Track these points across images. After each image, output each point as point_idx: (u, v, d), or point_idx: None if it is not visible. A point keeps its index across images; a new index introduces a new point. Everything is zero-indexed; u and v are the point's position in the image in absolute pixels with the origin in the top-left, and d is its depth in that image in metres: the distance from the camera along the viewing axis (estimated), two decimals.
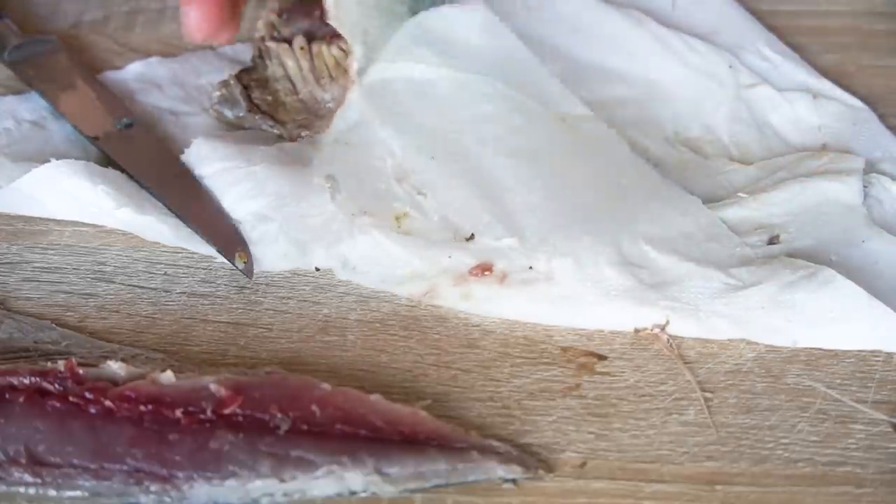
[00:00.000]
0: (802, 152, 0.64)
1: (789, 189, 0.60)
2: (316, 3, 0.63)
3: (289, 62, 0.64)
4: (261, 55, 0.65)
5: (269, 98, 0.64)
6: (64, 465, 0.46)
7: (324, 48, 0.64)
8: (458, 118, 0.61)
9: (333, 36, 0.63)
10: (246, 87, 0.64)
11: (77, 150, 0.63)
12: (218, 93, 0.64)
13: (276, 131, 0.63)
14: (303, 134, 0.63)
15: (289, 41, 0.64)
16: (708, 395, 0.52)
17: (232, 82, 0.64)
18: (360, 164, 0.60)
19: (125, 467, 0.46)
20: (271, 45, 0.64)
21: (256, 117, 0.63)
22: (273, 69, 0.64)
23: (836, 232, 0.58)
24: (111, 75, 0.69)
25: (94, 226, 0.60)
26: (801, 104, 0.66)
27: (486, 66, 0.63)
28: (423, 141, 0.60)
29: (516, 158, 0.60)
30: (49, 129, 0.64)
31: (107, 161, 0.61)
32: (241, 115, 0.64)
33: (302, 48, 0.64)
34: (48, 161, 0.59)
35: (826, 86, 0.68)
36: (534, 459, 0.49)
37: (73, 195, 0.59)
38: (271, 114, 0.63)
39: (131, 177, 0.60)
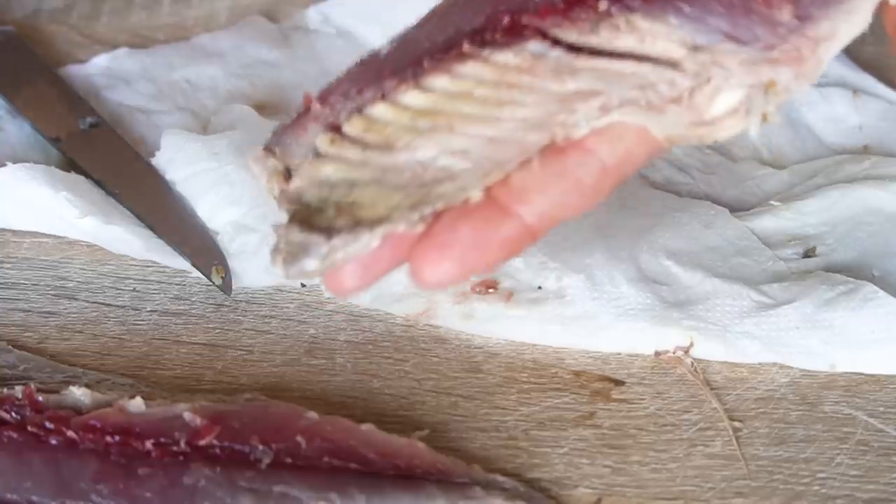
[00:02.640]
0: (841, 155, 0.65)
1: (827, 196, 0.60)
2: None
3: (319, 171, 0.46)
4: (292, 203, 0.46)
5: (332, 212, 0.45)
6: (22, 503, 0.46)
7: (374, 111, 0.47)
8: None
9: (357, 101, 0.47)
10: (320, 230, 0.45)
11: (36, 153, 0.63)
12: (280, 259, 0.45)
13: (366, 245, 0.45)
14: (417, 214, 0.45)
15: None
16: (737, 424, 0.52)
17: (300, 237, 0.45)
18: None
19: None
20: (285, 185, 0.47)
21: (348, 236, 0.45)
22: (312, 192, 0.46)
23: (878, 244, 0.59)
24: (74, 70, 0.69)
25: (56, 237, 0.60)
26: (840, 101, 0.67)
27: None
28: None
29: None
30: (5, 129, 0.65)
31: (69, 165, 0.62)
32: (321, 247, 0.45)
33: (332, 141, 0.46)
34: (4, 165, 0.59)
35: (868, 81, 0.68)
36: (543, 496, 0.49)
37: (32, 203, 0.59)
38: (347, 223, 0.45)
39: (97, 182, 0.61)
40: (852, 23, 0.45)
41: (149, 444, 0.47)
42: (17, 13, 0.73)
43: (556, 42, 0.45)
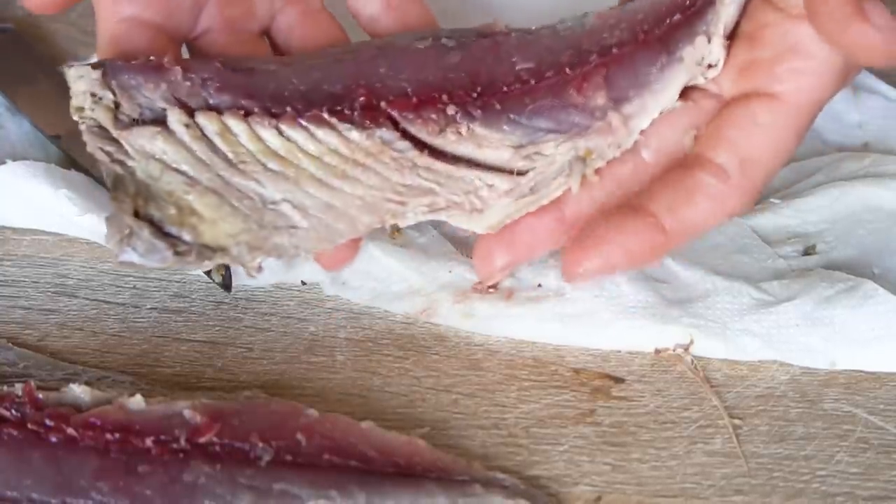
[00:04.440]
0: (841, 153, 0.65)
1: (827, 194, 0.60)
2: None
3: (160, 144, 0.49)
4: (112, 158, 0.49)
5: (174, 211, 0.48)
6: (22, 500, 0.46)
7: (233, 123, 0.49)
8: None
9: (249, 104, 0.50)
10: (149, 220, 0.48)
11: (36, 151, 0.63)
12: (115, 240, 0.48)
13: (204, 267, 0.50)
14: (257, 262, 0.50)
15: (157, 121, 0.49)
16: (737, 422, 0.52)
17: (126, 220, 0.48)
18: None
19: (90, 502, 0.46)
20: (122, 133, 0.49)
21: (189, 257, 0.48)
22: (143, 165, 0.49)
23: (878, 241, 0.59)
24: None
25: (56, 234, 0.60)
26: (840, 99, 0.67)
27: None
28: None
29: None
30: (5, 127, 0.65)
31: (69, 163, 0.62)
32: (166, 258, 0.48)
33: (187, 126, 0.49)
34: (4, 163, 0.59)
35: (868, 78, 0.68)
36: (543, 494, 0.49)
37: (32, 200, 0.59)
38: (191, 240, 0.49)
39: (97, 180, 0.61)
40: (660, 100, 0.51)
41: (149, 442, 0.47)
42: (17, 11, 0.73)
43: (405, 134, 0.50)
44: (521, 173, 0.51)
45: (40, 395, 0.49)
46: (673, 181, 0.51)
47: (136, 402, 0.49)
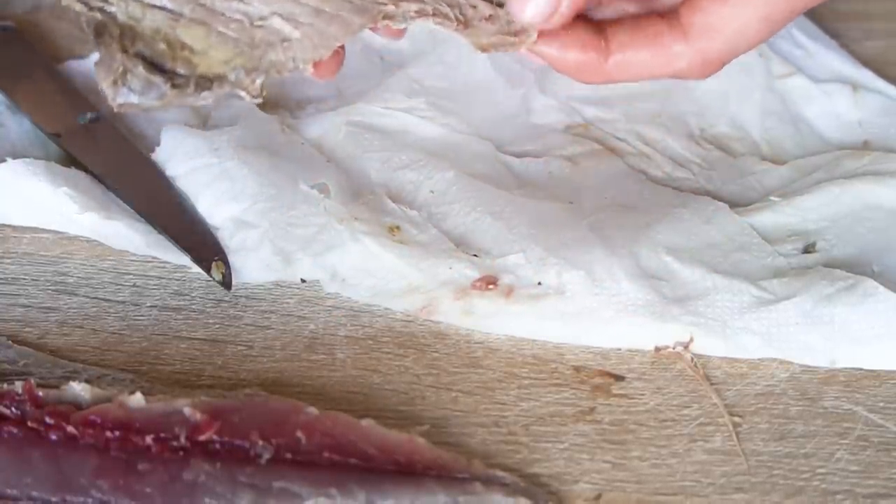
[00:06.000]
0: (841, 151, 0.64)
1: (827, 192, 0.60)
2: None
3: None
4: (89, 6, 0.48)
5: (163, 46, 0.48)
6: (22, 499, 0.46)
7: None
8: (448, 175, 0.62)
9: None
10: (138, 55, 0.48)
11: (36, 149, 0.63)
12: (108, 82, 0.48)
13: (205, 99, 0.48)
14: (258, 84, 0.49)
15: None
16: (737, 419, 0.52)
17: (118, 58, 0.47)
18: (348, 177, 0.61)
19: (90, 500, 0.46)
20: None
21: (187, 89, 0.48)
22: (123, 7, 0.48)
23: (878, 239, 0.59)
24: (74, 65, 0.69)
25: (56, 232, 0.60)
26: (840, 97, 0.67)
27: (479, 128, 0.65)
28: (414, 176, 0.62)
29: (511, 191, 0.61)
30: (5, 125, 0.64)
31: (69, 160, 0.62)
32: (164, 93, 0.48)
33: None
34: (4, 160, 0.59)
35: (867, 76, 0.68)
36: (543, 491, 0.49)
37: (32, 198, 0.59)
38: (187, 72, 0.48)
39: (96, 178, 0.61)
40: None
41: (149, 440, 0.47)
42: (17, 8, 0.73)
43: None
44: (499, 5, 0.52)
45: (40, 393, 0.49)
46: (643, 23, 0.53)
47: (136, 399, 0.49)
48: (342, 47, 0.51)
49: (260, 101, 0.49)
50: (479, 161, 0.63)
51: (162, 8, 0.48)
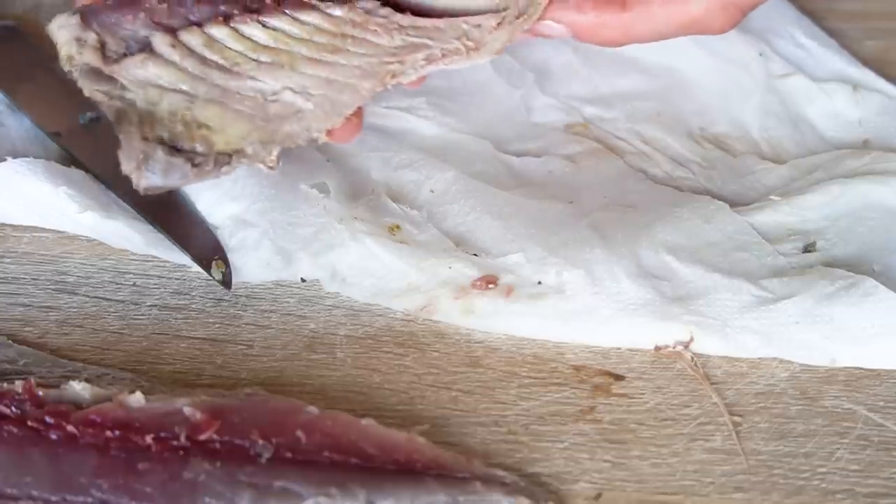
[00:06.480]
0: (841, 150, 0.64)
1: (827, 191, 0.60)
2: None
3: (152, 69, 0.50)
4: (109, 96, 0.50)
5: (181, 128, 0.50)
6: (22, 498, 0.46)
7: (216, 31, 0.51)
8: (448, 174, 0.62)
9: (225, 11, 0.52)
10: (157, 139, 0.49)
11: (37, 148, 0.63)
12: (132, 168, 0.49)
13: (226, 174, 0.50)
14: (274, 156, 0.51)
15: (144, 48, 0.51)
16: (736, 419, 0.52)
17: (138, 145, 0.49)
18: (348, 177, 0.61)
19: (90, 499, 0.46)
20: (114, 68, 0.50)
21: (207, 167, 0.49)
22: (141, 94, 0.50)
23: (878, 239, 0.59)
24: None
25: (56, 231, 0.60)
26: (840, 96, 0.67)
27: (479, 127, 0.65)
28: (414, 175, 0.62)
29: (511, 191, 0.61)
30: (5, 124, 0.64)
31: (69, 160, 0.62)
32: (186, 173, 0.49)
33: (173, 46, 0.51)
34: (4, 160, 0.59)
35: (867, 76, 0.68)
36: (543, 491, 0.49)
37: (32, 197, 0.59)
38: (205, 150, 0.50)
39: (97, 177, 0.61)
40: None
41: (149, 439, 0.47)
42: (17, 8, 0.73)
43: (385, 0, 0.52)
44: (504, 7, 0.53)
45: (40, 392, 0.49)
46: None
47: (137, 399, 0.49)
48: (360, 112, 0.52)
49: (275, 170, 0.50)
50: (479, 160, 0.63)
51: (179, 91, 0.50)
